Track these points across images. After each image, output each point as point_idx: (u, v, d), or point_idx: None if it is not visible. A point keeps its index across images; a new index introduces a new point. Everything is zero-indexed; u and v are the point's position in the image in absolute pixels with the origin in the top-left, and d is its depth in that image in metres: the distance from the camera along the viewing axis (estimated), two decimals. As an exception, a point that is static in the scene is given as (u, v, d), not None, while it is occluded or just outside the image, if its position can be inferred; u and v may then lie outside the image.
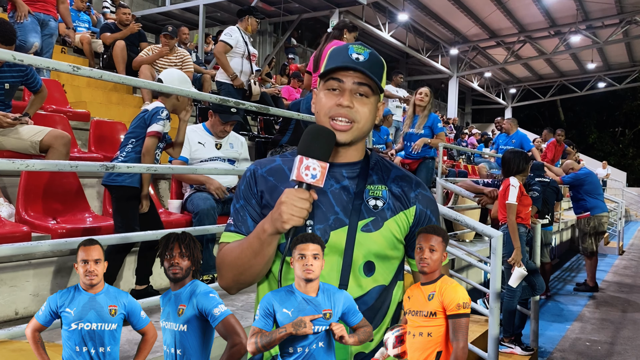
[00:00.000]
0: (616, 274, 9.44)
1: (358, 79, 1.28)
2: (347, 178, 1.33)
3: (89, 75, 2.01)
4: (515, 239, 4.37)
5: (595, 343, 5.25)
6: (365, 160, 1.37)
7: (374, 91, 1.31)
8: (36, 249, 2.10)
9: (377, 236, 1.29)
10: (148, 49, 6.73)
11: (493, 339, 3.34)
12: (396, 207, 1.33)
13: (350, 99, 1.27)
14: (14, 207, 3.26)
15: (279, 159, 1.39)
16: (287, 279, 1.26)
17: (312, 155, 1.17)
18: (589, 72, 24.18)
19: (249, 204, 1.34)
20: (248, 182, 1.36)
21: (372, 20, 16.17)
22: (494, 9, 16.75)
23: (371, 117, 1.32)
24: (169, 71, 3.53)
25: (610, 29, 18.35)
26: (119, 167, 2.14)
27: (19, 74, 3.70)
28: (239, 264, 1.24)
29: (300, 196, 1.15)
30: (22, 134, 3.60)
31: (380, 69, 1.32)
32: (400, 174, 1.40)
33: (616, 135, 36.38)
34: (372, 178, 1.36)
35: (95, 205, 3.77)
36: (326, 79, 1.31)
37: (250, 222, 1.32)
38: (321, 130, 1.22)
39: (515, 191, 4.47)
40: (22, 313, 2.78)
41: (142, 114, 3.18)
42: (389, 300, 1.34)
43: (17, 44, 5.00)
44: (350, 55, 1.28)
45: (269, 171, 1.36)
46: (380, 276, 1.31)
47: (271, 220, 1.18)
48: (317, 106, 1.33)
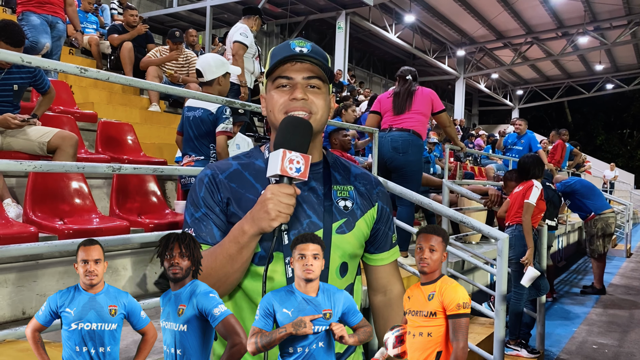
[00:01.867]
0: (624, 276, 9.38)
1: (306, 72, 1.25)
2: (312, 179, 1.30)
3: (96, 77, 2.03)
4: (529, 240, 4.39)
5: (602, 346, 5.22)
6: (324, 160, 1.35)
7: (324, 81, 1.28)
8: (43, 249, 2.11)
9: (350, 237, 1.29)
10: (156, 50, 6.77)
11: (499, 341, 3.33)
12: (364, 207, 1.34)
13: (303, 91, 1.25)
14: (22, 208, 3.28)
15: (234, 163, 1.33)
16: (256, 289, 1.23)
17: (294, 148, 1.12)
18: (596, 73, 24.09)
19: (213, 212, 1.26)
20: (208, 189, 1.27)
21: (378, 22, 16.17)
22: (501, 10, 16.73)
23: (326, 107, 1.29)
24: (205, 57, 3.74)
25: (618, 30, 18.28)
26: (125, 168, 2.15)
27: (27, 75, 3.72)
28: (212, 274, 1.17)
29: (285, 191, 1.11)
30: (30, 135, 3.63)
31: (325, 58, 1.29)
32: (359, 172, 1.40)
33: (624, 136, 36.18)
34: (336, 178, 1.34)
35: (102, 207, 3.79)
36: (274, 78, 1.27)
37: (216, 232, 1.25)
38: (299, 121, 1.18)
39: (537, 193, 4.49)
40: (29, 313, 2.79)
41: (204, 116, 3.43)
42: (353, 296, 1.35)
43: (29, 44, 5.06)
44: (293, 49, 1.24)
45: (230, 177, 1.29)
46: (350, 275, 1.32)
47: (252, 220, 1.13)
48: (269, 105, 1.28)
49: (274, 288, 1.19)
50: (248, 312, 1.27)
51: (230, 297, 1.31)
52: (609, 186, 19.07)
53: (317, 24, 17.79)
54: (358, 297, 1.39)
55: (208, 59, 3.71)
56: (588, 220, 7.75)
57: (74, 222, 3.26)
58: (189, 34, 8.33)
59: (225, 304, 1.31)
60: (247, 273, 1.25)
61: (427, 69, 23.46)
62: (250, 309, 1.27)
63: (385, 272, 1.43)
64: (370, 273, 1.45)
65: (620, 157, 33.73)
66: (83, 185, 3.59)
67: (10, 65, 3.61)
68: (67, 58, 6.89)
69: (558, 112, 35.55)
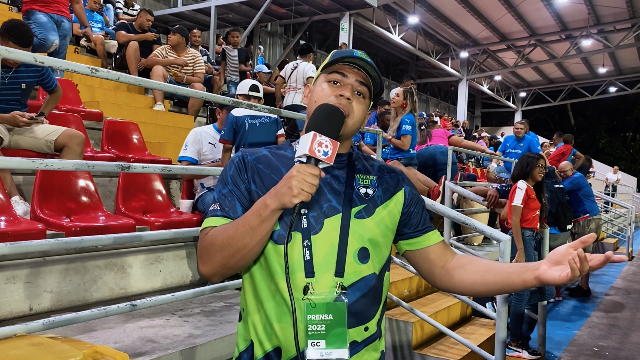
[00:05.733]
0: (625, 279, 9.39)
1: (361, 77, 1.33)
2: (336, 168, 1.35)
3: (106, 77, 2.06)
4: (519, 241, 4.42)
5: (603, 348, 5.24)
6: (349, 154, 1.41)
7: (369, 95, 1.35)
8: (51, 246, 2.14)
9: (369, 222, 1.32)
10: (162, 49, 6.82)
11: (500, 342, 3.35)
12: (386, 195, 1.37)
13: (351, 92, 1.31)
14: (29, 205, 3.32)
15: (264, 149, 1.40)
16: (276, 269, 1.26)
17: (325, 133, 1.18)
18: (600, 76, 24.07)
19: (238, 189, 1.32)
20: (237, 167, 1.34)
21: (382, 23, 16.19)
22: (505, 12, 16.73)
23: (362, 117, 1.35)
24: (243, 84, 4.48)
25: (622, 33, 18.26)
26: (134, 167, 2.18)
27: (35, 74, 3.76)
28: (232, 243, 1.20)
29: (311, 171, 1.14)
30: (37, 133, 3.66)
31: (379, 75, 1.36)
32: (382, 164, 1.45)
33: (627, 140, 36.14)
34: (360, 168, 1.40)
35: (107, 204, 3.83)
36: (329, 72, 1.34)
37: (239, 207, 1.30)
38: (333, 109, 1.25)
39: (521, 194, 4.51)
40: (37, 309, 2.83)
41: (271, 121, 4.19)
42: (381, 288, 1.35)
43: (37, 42, 5.09)
44: (356, 56, 1.31)
45: (257, 159, 1.36)
46: (373, 264, 1.32)
47: (276, 195, 1.16)
48: (315, 95, 1.34)
49: (290, 271, 1.24)
50: (266, 293, 1.29)
51: (249, 276, 1.34)
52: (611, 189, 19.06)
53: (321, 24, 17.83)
54: (385, 293, 1.38)
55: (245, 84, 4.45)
56: (580, 220, 7.73)
57: (81, 220, 3.29)
58: (193, 34, 8.37)
59: (244, 281, 1.35)
60: (266, 251, 1.29)
61: (430, 71, 23.47)
62: (268, 290, 1.29)
63: (439, 249, 1.41)
64: (421, 259, 1.42)
65: (623, 160, 33.69)
66: (90, 183, 3.62)
67: (19, 64, 3.65)
68: (73, 57, 6.93)
69: (561, 114, 35.51)
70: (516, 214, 4.50)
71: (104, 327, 2.64)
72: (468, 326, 4.63)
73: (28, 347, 1.69)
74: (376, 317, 1.33)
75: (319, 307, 1.23)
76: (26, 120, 3.56)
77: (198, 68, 6.97)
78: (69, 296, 2.96)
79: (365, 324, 1.30)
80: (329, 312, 1.23)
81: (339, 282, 1.26)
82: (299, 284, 1.24)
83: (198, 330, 2.69)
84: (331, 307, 1.23)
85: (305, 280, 1.25)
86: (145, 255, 3.42)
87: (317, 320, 1.23)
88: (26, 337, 1.82)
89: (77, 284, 3.01)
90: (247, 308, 1.34)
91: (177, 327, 2.72)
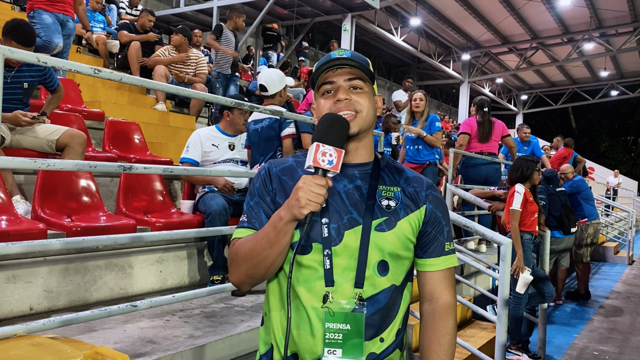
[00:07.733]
0: (626, 283, 9.38)
1: (347, 75, 1.33)
2: (359, 178, 1.35)
3: (109, 77, 2.06)
4: (518, 246, 4.39)
5: (603, 352, 5.23)
6: (375, 162, 1.40)
7: (365, 82, 1.35)
8: (52, 246, 2.14)
9: (390, 235, 1.31)
10: (164, 49, 6.82)
11: (500, 345, 3.35)
12: (409, 208, 1.35)
13: (346, 92, 1.32)
14: (30, 205, 3.32)
15: (291, 159, 1.42)
16: (297, 277, 1.28)
17: (328, 142, 1.19)
18: (601, 79, 24.03)
19: (264, 201, 1.35)
20: (263, 180, 1.38)
21: (384, 25, 16.19)
22: (507, 15, 16.71)
23: (372, 106, 1.35)
24: (267, 73, 4.14)
25: (624, 37, 18.24)
26: (136, 168, 2.18)
27: (37, 74, 3.76)
28: (254, 255, 1.25)
29: (316, 182, 1.16)
30: (39, 133, 3.67)
31: (364, 61, 1.36)
32: (412, 175, 1.42)
33: (628, 143, 36.13)
34: (384, 179, 1.38)
35: (108, 204, 3.83)
36: (319, 87, 1.37)
37: (264, 218, 1.33)
38: (335, 118, 1.25)
39: (519, 198, 4.50)
40: (37, 309, 2.83)
41: (271, 123, 3.98)
42: (400, 300, 1.35)
43: (42, 43, 5.09)
44: (332, 57, 1.33)
45: (282, 170, 1.39)
46: (393, 276, 1.32)
47: (288, 207, 1.19)
48: (317, 112, 1.37)
49: (311, 279, 1.26)
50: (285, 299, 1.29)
51: (277, 275, 1.36)
52: (612, 193, 19.04)
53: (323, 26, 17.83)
54: (406, 303, 1.37)
55: (271, 75, 4.13)
56: (579, 224, 7.72)
57: (82, 220, 3.29)
58: (194, 34, 8.38)
59: (271, 282, 1.37)
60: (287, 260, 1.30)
61: (432, 73, 23.45)
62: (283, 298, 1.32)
63: (433, 279, 1.39)
64: (419, 279, 1.43)
65: (624, 164, 33.66)
66: (91, 183, 3.62)
67: (21, 63, 3.65)
68: (75, 57, 6.93)
69: (562, 118, 35.49)
70: (515, 218, 4.47)
71: (104, 327, 2.64)
72: (468, 329, 4.63)
73: (28, 347, 1.69)
74: (392, 327, 1.33)
75: (337, 316, 1.24)
76: (28, 120, 3.56)
77: (200, 68, 6.98)
78: (70, 296, 2.96)
79: (380, 334, 1.30)
80: (347, 322, 1.24)
81: (358, 293, 1.26)
82: (318, 292, 1.26)
83: (198, 331, 2.69)
84: (349, 317, 1.24)
85: (325, 288, 1.26)
86: (146, 256, 3.42)
87: (334, 329, 1.24)
88: (26, 337, 1.82)
89: (78, 284, 3.01)
90: (268, 313, 1.37)
91: (178, 327, 2.72)
